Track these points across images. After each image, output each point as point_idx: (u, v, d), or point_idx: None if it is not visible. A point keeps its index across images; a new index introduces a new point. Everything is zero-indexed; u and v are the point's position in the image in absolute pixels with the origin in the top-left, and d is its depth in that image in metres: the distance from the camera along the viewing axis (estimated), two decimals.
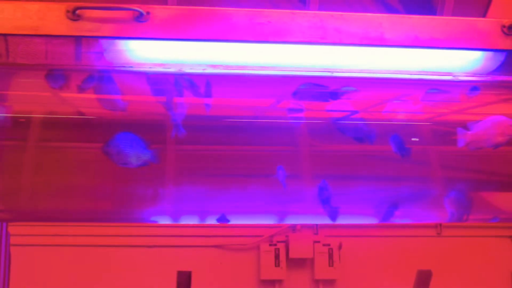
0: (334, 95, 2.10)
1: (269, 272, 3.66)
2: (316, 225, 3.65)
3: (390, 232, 3.67)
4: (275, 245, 3.68)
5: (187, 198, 2.08)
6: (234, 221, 2.11)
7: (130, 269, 3.50)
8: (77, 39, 1.94)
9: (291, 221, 2.69)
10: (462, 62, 2.14)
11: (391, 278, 3.60)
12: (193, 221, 2.38)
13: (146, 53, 2.02)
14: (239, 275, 3.64)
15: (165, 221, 2.22)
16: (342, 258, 3.69)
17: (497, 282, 3.41)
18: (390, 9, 3.20)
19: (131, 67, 2.02)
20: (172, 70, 2.03)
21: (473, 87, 2.17)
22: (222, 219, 2.08)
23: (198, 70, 2.03)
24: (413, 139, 2.15)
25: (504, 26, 2.05)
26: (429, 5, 3.25)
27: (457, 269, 3.62)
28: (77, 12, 1.88)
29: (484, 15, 3.22)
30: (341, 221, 2.11)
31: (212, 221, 2.11)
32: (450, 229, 3.70)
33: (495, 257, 3.56)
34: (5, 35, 1.89)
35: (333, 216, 2.09)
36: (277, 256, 3.66)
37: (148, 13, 1.91)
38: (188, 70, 2.03)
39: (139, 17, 1.90)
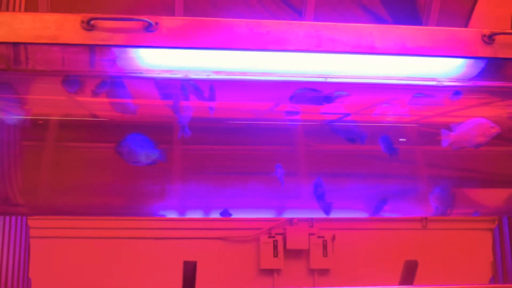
0: (328, 99, 2.10)
1: (268, 262, 3.66)
2: (312, 218, 3.64)
3: (380, 225, 3.67)
4: (274, 237, 3.67)
5: (193, 194, 2.08)
6: (236, 215, 2.11)
7: (140, 260, 3.50)
8: (91, 48, 1.94)
9: (288, 215, 2.69)
10: (445, 69, 2.14)
11: (380, 267, 3.59)
12: (198, 215, 2.38)
13: (154, 60, 2.02)
14: (240, 265, 3.64)
15: (172, 215, 2.22)
16: (335, 249, 3.69)
17: (478, 272, 3.40)
18: (379, 20, 3.21)
19: (141, 73, 2.02)
20: (178, 76, 2.03)
21: (456, 92, 2.17)
22: (225, 213, 2.08)
23: (203, 76, 2.03)
24: (400, 139, 2.15)
25: (484, 36, 2.06)
26: (415, 15, 3.26)
27: (441, 259, 3.62)
28: (92, 22, 1.88)
29: (466, 25, 3.23)
30: (334, 215, 2.12)
31: (215, 215, 2.11)
32: (434, 222, 3.70)
33: (476, 248, 3.55)
34: (24, 43, 1.89)
35: (327, 210, 2.09)
36: (275, 247, 3.66)
37: (156, 23, 1.91)
38: (193, 76, 2.03)
39: (149, 27, 1.90)
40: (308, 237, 3.68)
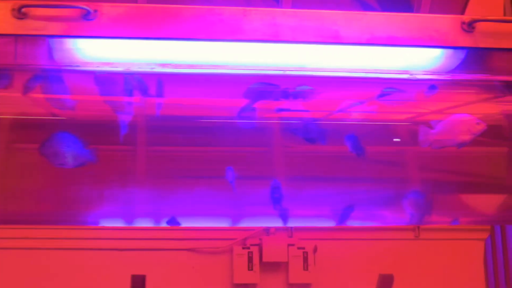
0: (287, 95, 2.08)
1: (242, 276, 3.61)
2: (291, 228, 3.62)
3: (367, 235, 3.64)
4: (249, 248, 3.63)
5: (135, 200, 2.05)
6: (185, 223, 2.09)
7: (94, 273, 3.46)
8: (23, 38, 1.92)
9: (244, 223, 2.65)
10: (419, 60, 2.13)
11: (367, 281, 3.57)
12: (142, 223, 2.36)
13: (94, 51, 2.01)
14: (211, 279, 3.60)
15: (116, 223, 2.20)
16: (317, 261, 3.65)
17: (471, 282, 3.40)
18: (366, 7, 3.19)
19: (79, 66, 2.00)
20: (120, 69, 2.01)
21: (431, 86, 2.15)
22: (172, 221, 2.05)
23: (147, 69, 2.01)
24: (370, 139, 2.13)
25: (463, 23, 2.04)
26: (406, 3, 3.24)
27: (434, 270, 3.60)
28: (23, 10, 1.87)
29: (462, 13, 3.21)
30: (293, 223, 2.10)
31: (162, 223, 2.09)
32: (427, 232, 3.67)
33: (469, 258, 3.53)
34: None
35: (284, 218, 2.07)
36: (250, 260, 3.62)
37: (95, 11, 1.90)
38: (136, 69, 2.01)
39: (87, 15, 1.89)
40: (286, 248, 3.64)
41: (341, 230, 3.62)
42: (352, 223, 2.19)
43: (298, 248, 3.65)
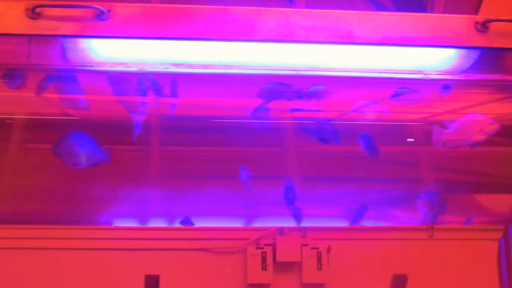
0: (300, 95, 2.07)
1: (256, 275, 3.59)
2: (305, 227, 3.60)
3: (381, 235, 3.61)
4: (262, 248, 3.60)
5: (150, 200, 2.05)
6: (199, 223, 2.08)
7: (108, 273, 3.46)
8: (37, 38, 1.92)
9: (258, 223, 2.62)
10: (433, 60, 2.11)
11: (381, 281, 3.55)
12: (155, 223, 2.35)
13: (107, 52, 2.00)
14: (225, 279, 3.59)
15: (129, 223, 2.19)
16: (330, 261, 3.63)
17: (485, 282, 3.38)
18: (380, 7, 3.17)
19: (92, 66, 1.99)
20: (133, 69, 2.00)
21: (445, 86, 2.13)
22: (186, 221, 2.04)
23: (160, 69, 2.00)
24: (383, 139, 2.12)
25: (477, 23, 2.02)
26: (419, 3, 3.22)
27: (448, 270, 3.57)
28: (37, 10, 1.86)
29: (476, 13, 3.18)
30: (307, 223, 2.08)
31: (176, 223, 2.08)
32: (441, 232, 3.65)
33: (483, 258, 3.51)
34: None
35: (298, 217, 2.06)
36: (264, 260, 3.60)
37: (109, 11, 1.89)
38: (150, 69, 2.00)
39: (101, 15, 1.89)
40: (300, 248, 3.62)
41: (355, 230, 3.59)
42: (366, 223, 2.18)
43: (312, 248, 3.62)
